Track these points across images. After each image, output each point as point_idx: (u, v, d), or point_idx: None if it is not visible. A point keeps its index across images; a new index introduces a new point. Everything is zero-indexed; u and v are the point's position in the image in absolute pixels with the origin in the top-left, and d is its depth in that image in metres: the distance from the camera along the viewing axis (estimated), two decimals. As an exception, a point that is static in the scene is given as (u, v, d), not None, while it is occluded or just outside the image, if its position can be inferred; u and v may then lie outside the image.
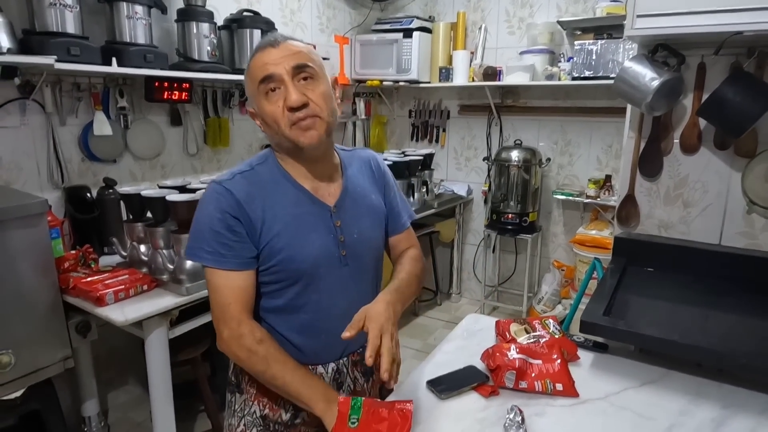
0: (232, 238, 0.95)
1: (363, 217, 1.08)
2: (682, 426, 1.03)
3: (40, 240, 1.65)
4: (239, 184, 0.98)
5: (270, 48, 0.95)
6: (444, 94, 3.70)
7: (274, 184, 1.01)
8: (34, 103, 2.00)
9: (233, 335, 0.95)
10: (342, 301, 1.05)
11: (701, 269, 1.62)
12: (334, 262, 1.03)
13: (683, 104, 1.62)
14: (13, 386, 1.62)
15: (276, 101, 0.94)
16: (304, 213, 1.01)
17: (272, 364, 0.94)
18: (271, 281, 1.01)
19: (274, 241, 0.97)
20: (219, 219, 0.95)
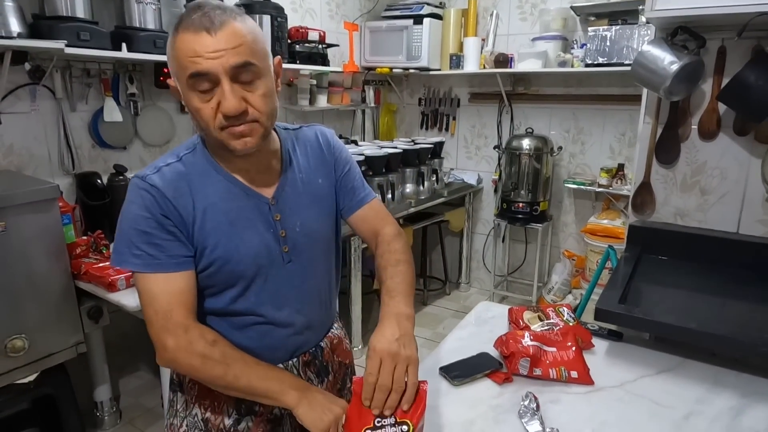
0: (163, 237, 0.84)
1: (306, 208, 0.97)
2: (701, 414, 1.02)
3: (52, 225, 1.66)
4: (165, 177, 0.86)
5: (204, 33, 0.76)
6: (454, 82, 3.66)
7: (204, 176, 0.88)
8: (44, 88, 2.00)
9: (181, 344, 0.82)
10: (288, 300, 0.96)
11: (718, 258, 1.59)
12: (276, 260, 0.92)
13: (702, 89, 1.59)
14: (27, 370, 1.64)
15: (207, 101, 0.79)
16: (239, 208, 0.89)
17: (232, 364, 0.82)
18: (208, 284, 0.90)
19: (207, 242, 0.86)
20: (145, 218, 0.83)
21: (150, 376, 2.53)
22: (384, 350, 0.79)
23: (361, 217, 1.06)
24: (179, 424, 0.99)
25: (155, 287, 0.83)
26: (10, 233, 1.54)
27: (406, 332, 0.83)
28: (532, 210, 3.20)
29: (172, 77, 0.84)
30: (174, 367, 0.87)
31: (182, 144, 0.94)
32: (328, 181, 1.02)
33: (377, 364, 0.78)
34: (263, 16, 2.50)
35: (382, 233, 1.04)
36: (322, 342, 1.06)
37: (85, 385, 2.14)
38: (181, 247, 0.85)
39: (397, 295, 0.91)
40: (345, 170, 1.05)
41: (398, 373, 0.78)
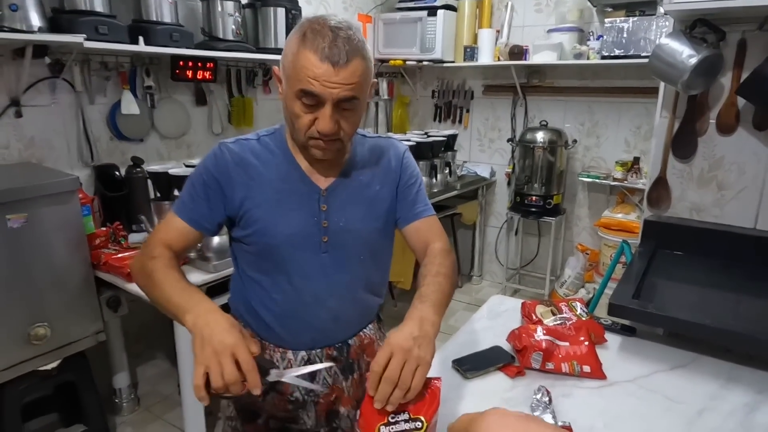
0: (201, 196, 0.96)
1: (355, 206, 1.01)
2: (714, 410, 1.02)
3: (73, 216, 1.69)
4: (238, 148, 0.98)
5: (329, 65, 0.84)
6: (468, 74, 3.64)
7: (271, 156, 0.99)
8: (63, 82, 2.03)
9: (140, 255, 0.95)
10: (316, 289, 1.00)
11: (735, 253, 1.58)
12: (312, 247, 0.98)
13: (721, 83, 1.56)
14: (49, 357, 1.69)
15: (307, 113, 0.88)
16: (290, 190, 0.98)
17: (153, 277, 0.89)
18: (250, 251, 1.00)
19: (254, 211, 0.96)
20: (200, 174, 0.97)
21: (167, 364, 2.58)
22: (397, 344, 0.77)
23: (415, 228, 1.07)
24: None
25: (167, 222, 0.98)
26: (31, 224, 1.58)
27: (426, 335, 0.80)
28: (545, 203, 3.18)
29: (281, 71, 0.93)
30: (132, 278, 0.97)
31: (265, 129, 1.05)
32: (388, 189, 1.06)
33: (387, 356, 0.76)
34: (278, 9, 2.50)
35: (431, 246, 1.05)
36: (351, 339, 1.08)
37: (104, 373, 2.19)
38: (203, 209, 0.97)
39: (428, 301, 0.89)
40: (409, 183, 1.08)
41: (406, 371, 0.75)
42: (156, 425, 2.20)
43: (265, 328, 1.03)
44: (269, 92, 2.90)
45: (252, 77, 2.75)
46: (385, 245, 1.09)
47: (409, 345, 0.77)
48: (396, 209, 1.07)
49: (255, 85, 2.78)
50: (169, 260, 0.93)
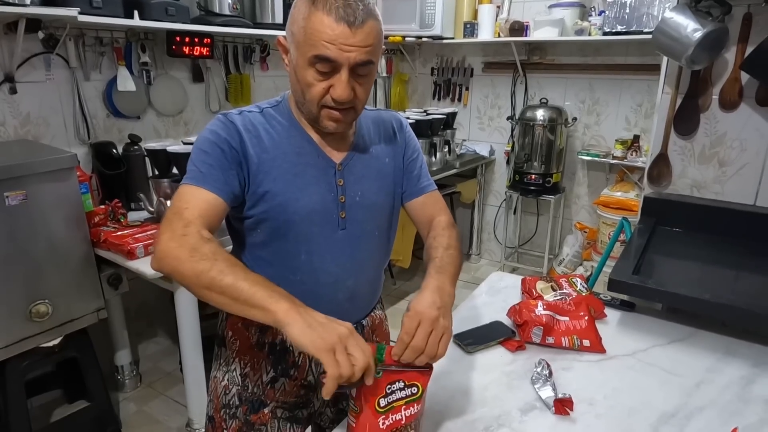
0: (216, 160, 0.86)
1: (369, 180, 0.99)
2: (711, 383, 1.03)
3: (71, 194, 1.68)
4: (246, 119, 0.91)
5: (345, 26, 0.79)
6: (468, 51, 3.59)
7: (281, 127, 0.93)
8: (58, 57, 2.00)
9: (174, 236, 0.77)
10: (334, 268, 0.96)
11: (734, 230, 1.58)
12: (331, 223, 0.94)
13: (725, 58, 1.55)
14: (51, 334, 1.70)
15: (320, 80, 0.83)
16: (307, 164, 0.92)
17: (219, 260, 0.75)
18: (264, 230, 0.92)
19: (269, 185, 0.89)
20: (211, 141, 0.87)
21: (168, 342, 2.60)
22: (424, 313, 0.77)
23: (420, 203, 1.07)
24: (221, 378, 1.05)
25: (187, 191, 0.84)
26: (30, 202, 1.57)
27: (446, 305, 0.82)
28: (544, 182, 3.18)
29: (288, 38, 0.87)
30: (162, 262, 0.78)
31: (265, 101, 0.98)
32: (395, 162, 1.04)
33: (415, 325, 0.76)
34: (275, -17, 2.46)
35: (438, 219, 1.06)
36: (365, 320, 1.07)
37: (106, 350, 2.21)
38: (227, 176, 0.86)
39: (445, 272, 0.89)
40: (413, 157, 1.08)
41: (433, 338, 0.76)
42: (158, 401, 2.22)
43: None
44: (266, 69, 2.86)
45: (249, 54, 2.71)
46: (393, 219, 1.07)
47: (435, 314, 0.78)
48: (402, 183, 1.06)
49: (252, 62, 2.75)
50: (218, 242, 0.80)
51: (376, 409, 0.74)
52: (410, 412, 0.78)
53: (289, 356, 1.01)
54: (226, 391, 1.03)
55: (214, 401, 1.05)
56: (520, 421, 0.92)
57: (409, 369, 0.76)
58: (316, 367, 1.02)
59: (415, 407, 0.78)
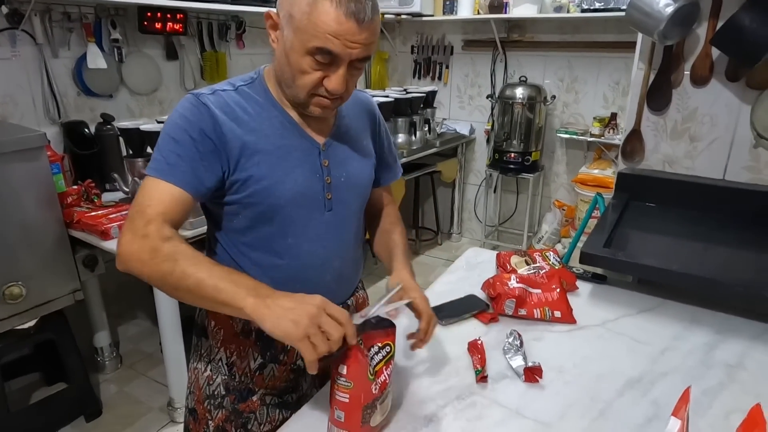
0: (187, 151, 0.81)
1: (353, 160, 0.97)
2: (676, 349, 1.07)
3: (41, 174, 1.65)
4: (220, 100, 0.85)
5: (353, 22, 0.76)
6: (447, 29, 3.57)
7: (259, 108, 0.88)
8: (24, 33, 1.94)
9: (135, 237, 0.76)
10: (321, 250, 0.94)
11: (704, 204, 1.62)
12: (317, 206, 0.92)
13: (696, 34, 1.56)
14: (26, 316, 1.68)
15: (317, 69, 0.80)
16: (290, 146, 0.89)
17: (181, 260, 0.74)
18: (248, 215, 0.88)
19: (253, 169, 0.85)
20: (182, 128, 0.81)
21: (148, 323, 2.59)
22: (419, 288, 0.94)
23: (382, 191, 1.14)
24: (203, 368, 1.00)
25: (151, 185, 0.80)
26: (-1, 182, 1.53)
27: None
28: (523, 160, 3.20)
29: (282, 17, 0.81)
30: (126, 264, 0.78)
31: (237, 77, 0.92)
32: (371, 143, 1.05)
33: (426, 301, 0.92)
34: (249, -43, 2.40)
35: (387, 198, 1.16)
36: (350, 300, 1.06)
37: (85, 333, 2.20)
38: (197, 170, 0.81)
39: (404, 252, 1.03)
40: (386, 144, 1.09)
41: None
42: (139, 381, 2.22)
43: None
44: (243, 47, 2.81)
45: (225, 31, 2.66)
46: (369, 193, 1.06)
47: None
48: (376, 166, 1.06)
49: (228, 39, 2.69)
50: (184, 241, 0.79)
51: (368, 377, 0.76)
52: (389, 371, 0.80)
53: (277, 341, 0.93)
54: (209, 382, 1.00)
55: (196, 393, 1.02)
56: (491, 389, 0.94)
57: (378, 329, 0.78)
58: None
59: (391, 365, 0.81)
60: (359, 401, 0.76)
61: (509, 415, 0.88)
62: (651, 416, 0.87)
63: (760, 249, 1.43)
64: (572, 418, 0.87)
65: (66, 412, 1.94)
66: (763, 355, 1.06)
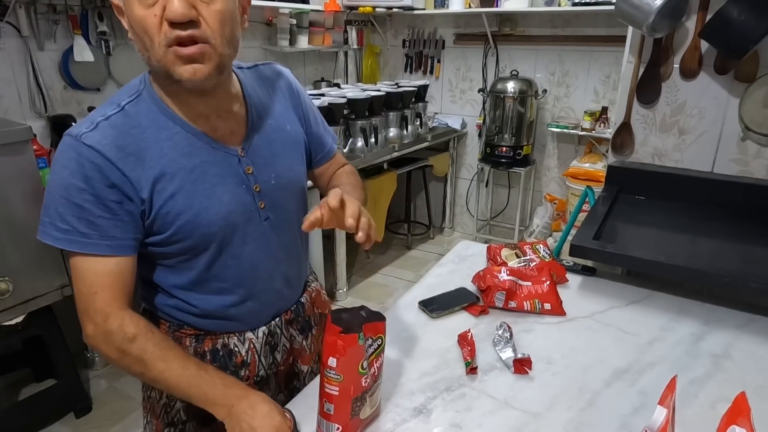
0: (98, 213, 0.72)
1: (279, 156, 0.88)
2: (664, 340, 1.08)
3: (28, 168, 1.63)
4: (106, 135, 0.72)
5: None
6: (439, 22, 3.56)
7: (155, 128, 0.75)
8: (8, 26, 1.91)
9: (99, 332, 0.75)
10: (266, 261, 0.88)
11: (693, 197, 1.63)
12: (252, 218, 0.84)
13: (686, 27, 1.57)
14: (14, 312, 1.66)
15: (151, 6, 0.67)
16: (203, 163, 0.78)
17: (151, 364, 0.74)
18: (175, 253, 0.80)
19: (169, 206, 0.76)
20: (79, 189, 0.71)
21: (138, 319, 2.58)
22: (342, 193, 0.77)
23: (326, 167, 1.04)
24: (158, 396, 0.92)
25: (83, 265, 0.74)
26: (-16, 176, 1.51)
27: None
28: (515, 154, 3.21)
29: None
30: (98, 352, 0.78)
31: (122, 89, 0.80)
32: (297, 127, 0.94)
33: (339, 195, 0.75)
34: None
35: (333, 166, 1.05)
36: (302, 297, 1.03)
37: (74, 328, 2.17)
38: (119, 227, 0.74)
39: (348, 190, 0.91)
40: (312, 118, 0.98)
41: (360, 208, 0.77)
42: (129, 378, 2.18)
43: (217, 323, 0.89)
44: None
45: (214, 23, 2.63)
46: (305, 186, 0.99)
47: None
48: (308, 147, 0.98)
49: (217, 32, 2.66)
50: (150, 333, 0.76)
51: (359, 371, 0.76)
52: (379, 363, 0.80)
53: (235, 357, 0.92)
54: (167, 410, 0.92)
55: (154, 422, 0.94)
56: (481, 380, 0.95)
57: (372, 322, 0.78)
58: (266, 359, 0.96)
59: (381, 358, 0.81)
60: (349, 394, 0.75)
61: (498, 406, 0.88)
62: (638, 406, 0.88)
63: (747, 240, 1.44)
64: (560, 409, 0.88)
65: (55, 409, 1.93)
66: (749, 345, 1.07)
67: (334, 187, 0.86)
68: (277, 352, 0.98)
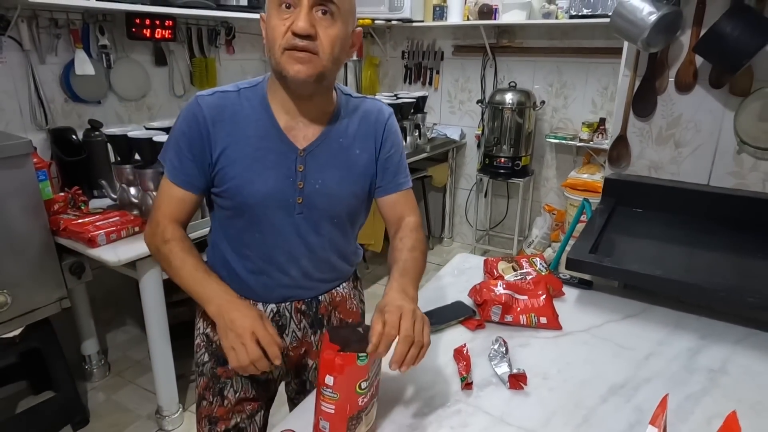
0: (187, 155, 0.95)
1: (333, 169, 0.99)
2: (660, 355, 1.08)
3: (27, 181, 1.64)
4: (215, 101, 0.95)
5: None
6: (438, 34, 3.59)
7: (251, 111, 0.96)
8: (10, 40, 1.93)
9: (149, 231, 1.00)
10: (289, 248, 1.00)
11: (690, 209, 1.64)
12: (287, 207, 0.97)
13: (680, 41, 1.58)
14: (12, 325, 1.66)
15: (284, 19, 0.86)
16: (268, 148, 0.95)
17: (172, 262, 0.95)
18: (225, 206, 0.99)
19: (229, 168, 0.95)
20: (183, 132, 0.95)
21: (137, 330, 2.57)
22: (403, 306, 0.82)
23: (392, 200, 1.07)
24: (195, 338, 1.12)
25: (163, 186, 0.99)
26: (-16, 190, 1.52)
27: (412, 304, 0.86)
28: (513, 165, 3.22)
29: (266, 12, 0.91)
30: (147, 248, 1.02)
31: (251, 79, 1.01)
32: (368, 154, 1.03)
33: (397, 317, 0.80)
34: (238, -37, 2.40)
35: (407, 219, 1.07)
36: (322, 296, 1.08)
37: (72, 340, 2.18)
38: (194, 170, 0.95)
39: (407, 275, 0.94)
40: (391, 152, 1.06)
41: (418, 328, 0.80)
42: (127, 390, 2.21)
43: (238, 281, 1.02)
44: (233, 52, 2.81)
45: (214, 37, 2.66)
46: (360, 210, 1.07)
47: (412, 306, 0.83)
48: (375, 176, 1.05)
49: (217, 45, 2.69)
50: (181, 242, 0.96)
51: (357, 391, 0.76)
52: (376, 382, 0.81)
53: None
54: (197, 350, 1.11)
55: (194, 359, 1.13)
56: (476, 396, 0.95)
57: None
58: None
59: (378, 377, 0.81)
60: (345, 412, 0.75)
61: (493, 422, 0.88)
62: (633, 422, 0.88)
63: (744, 254, 1.45)
64: (556, 425, 0.88)
65: (53, 421, 1.92)
66: (746, 360, 1.07)
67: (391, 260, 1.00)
68: (285, 334, 1.07)
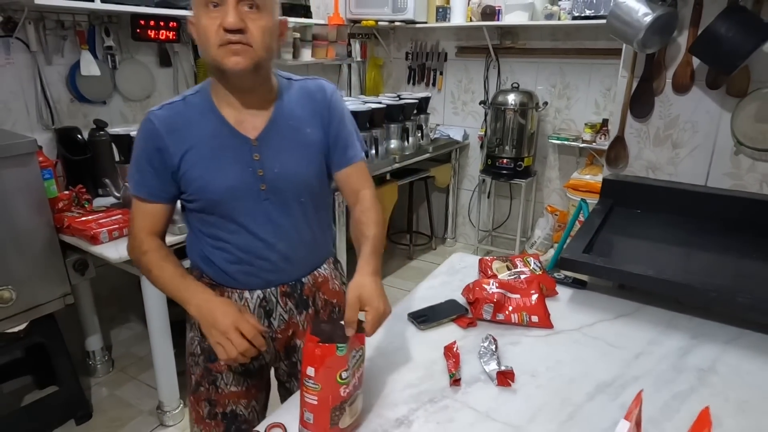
0: (148, 169, 1.00)
1: (289, 151, 1.04)
2: (650, 354, 1.09)
3: (32, 180, 1.67)
4: (165, 114, 1.01)
5: None
6: (441, 35, 3.60)
7: (200, 115, 1.01)
8: (17, 41, 1.96)
9: (129, 245, 1.06)
10: (264, 235, 1.05)
11: (687, 210, 1.64)
12: (253, 196, 1.02)
13: (678, 42, 1.59)
14: (16, 320, 1.70)
15: (214, 18, 0.90)
16: (222, 145, 1.00)
17: (152, 270, 1.02)
18: (196, 209, 1.04)
19: (190, 171, 1.00)
20: (142, 149, 1.01)
21: (140, 326, 2.61)
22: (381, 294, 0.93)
23: (346, 173, 1.11)
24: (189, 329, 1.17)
25: (135, 207, 1.05)
26: (-10, 188, 1.55)
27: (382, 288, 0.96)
28: (516, 166, 3.22)
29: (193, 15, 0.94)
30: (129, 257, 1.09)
31: (192, 88, 1.07)
32: (319, 132, 1.07)
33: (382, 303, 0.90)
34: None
35: (362, 192, 1.11)
36: (305, 278, 1.13)
37: (76, 336, 2.21)
38: (155, 181, 1.01)
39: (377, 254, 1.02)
40: (339, 127, 1.09)
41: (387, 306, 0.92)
42: (130, 385, 2.24)
43: (221, 274, 1.08)
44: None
45: (218, 37, 2.68)
46: (323, 187, 1.12)
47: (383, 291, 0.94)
48: (330, 154, 1.10)
49: (222, 46, 2.72)
50: (158, 251, 1.03)
51: (338, 381, 0.77)
52: (360, 373, 0.82)
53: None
54: (191, 341, 1.15)
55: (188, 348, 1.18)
56: (464, 392, 0.96)
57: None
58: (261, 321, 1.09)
59: (362, 368, 0.83)
60: (327, 403, 0.77)
61: (480, 418, 0.90)
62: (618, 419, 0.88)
63: (739, 254, 1.45)
64: (542, 422, 0.89)
65: (56, 416, 1.96)
66: (735, 359, 1.07)
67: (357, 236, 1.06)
68: (273, 318, 1.11)
